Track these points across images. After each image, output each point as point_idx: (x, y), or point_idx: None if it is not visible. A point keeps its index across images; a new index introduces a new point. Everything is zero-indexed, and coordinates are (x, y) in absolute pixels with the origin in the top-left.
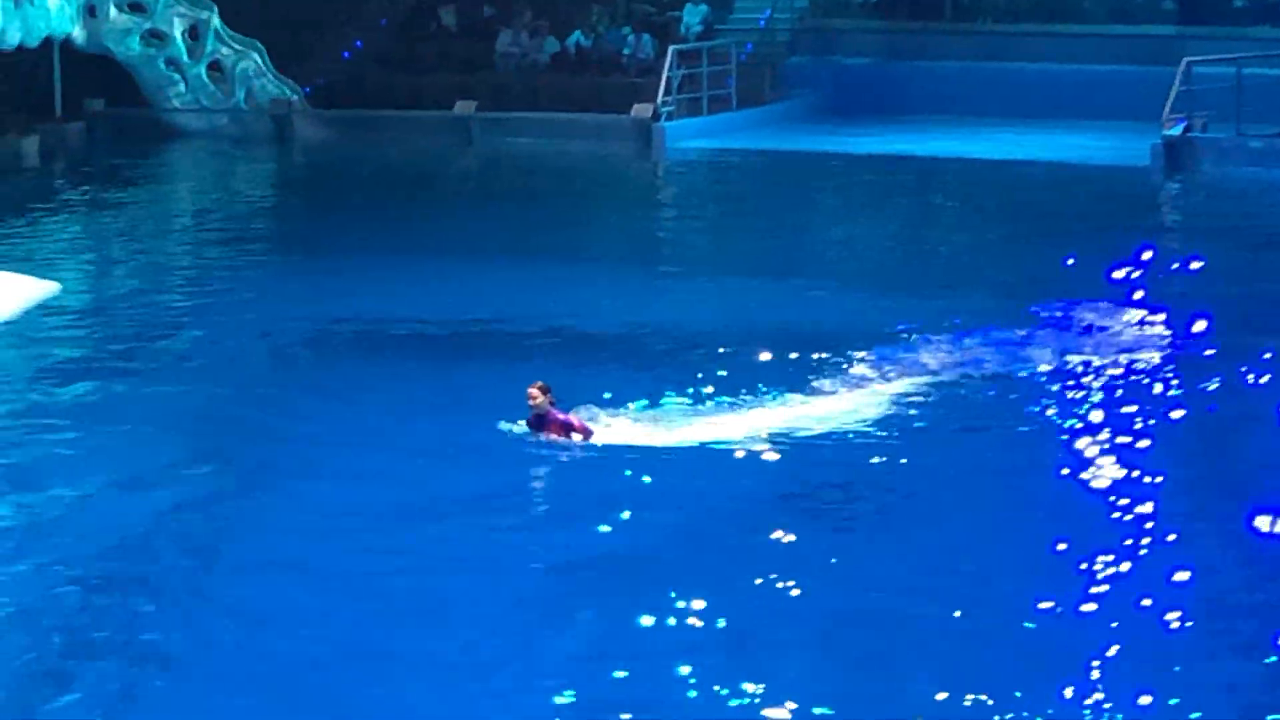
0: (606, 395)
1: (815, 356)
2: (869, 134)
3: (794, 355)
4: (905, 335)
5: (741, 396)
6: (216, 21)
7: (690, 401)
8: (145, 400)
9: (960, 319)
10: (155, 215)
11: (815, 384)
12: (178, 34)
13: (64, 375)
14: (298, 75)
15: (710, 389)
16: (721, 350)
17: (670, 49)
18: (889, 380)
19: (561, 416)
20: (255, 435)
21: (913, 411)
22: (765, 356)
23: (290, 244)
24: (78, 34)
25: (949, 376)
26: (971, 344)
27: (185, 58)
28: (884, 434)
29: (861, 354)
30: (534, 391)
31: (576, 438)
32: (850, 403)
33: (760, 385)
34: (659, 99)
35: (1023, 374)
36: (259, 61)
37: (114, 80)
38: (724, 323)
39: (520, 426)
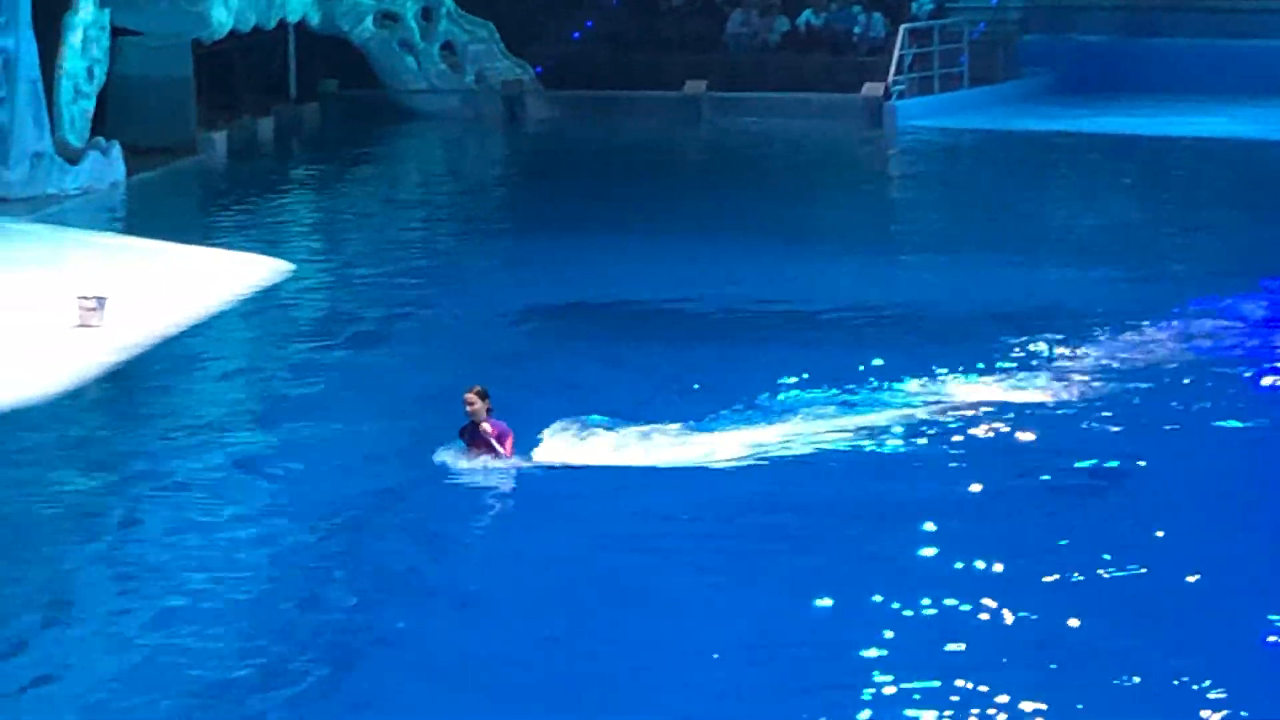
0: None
1: (1048, 336)
2: (1103, 113)
3: (1025, 335)
4: (1136, 315)
5: (972, 375)
6: (449, 2)
7: (921, 379)
8: (375, 380)
9: (1195, 300)
10: (387, 195)
11: (1048, 363)
12: (411, 15)
13: (296, 355)
14: (529, 55)
15: (941, 367)
16: (951, 329)
17: (902, 27)
18: (1119, 360)
19: (494, 429)
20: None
21: (1143, 393)
22: (998, 335)
23: (521, 223)
24: (313, 16)
25: (1182, 359)
26: (1205, 325)
27: (418, 39)
28: (1122, 415)
29: (1092, 334)
30: (471, 397)
31: (501, 454)
32: (1081, 384)
33: (993, 363)
34: (890, 77)
35: (1262, 360)
36: (491, 42)
37: (348, 62)
38: (953, 301)
39: (452, 457)
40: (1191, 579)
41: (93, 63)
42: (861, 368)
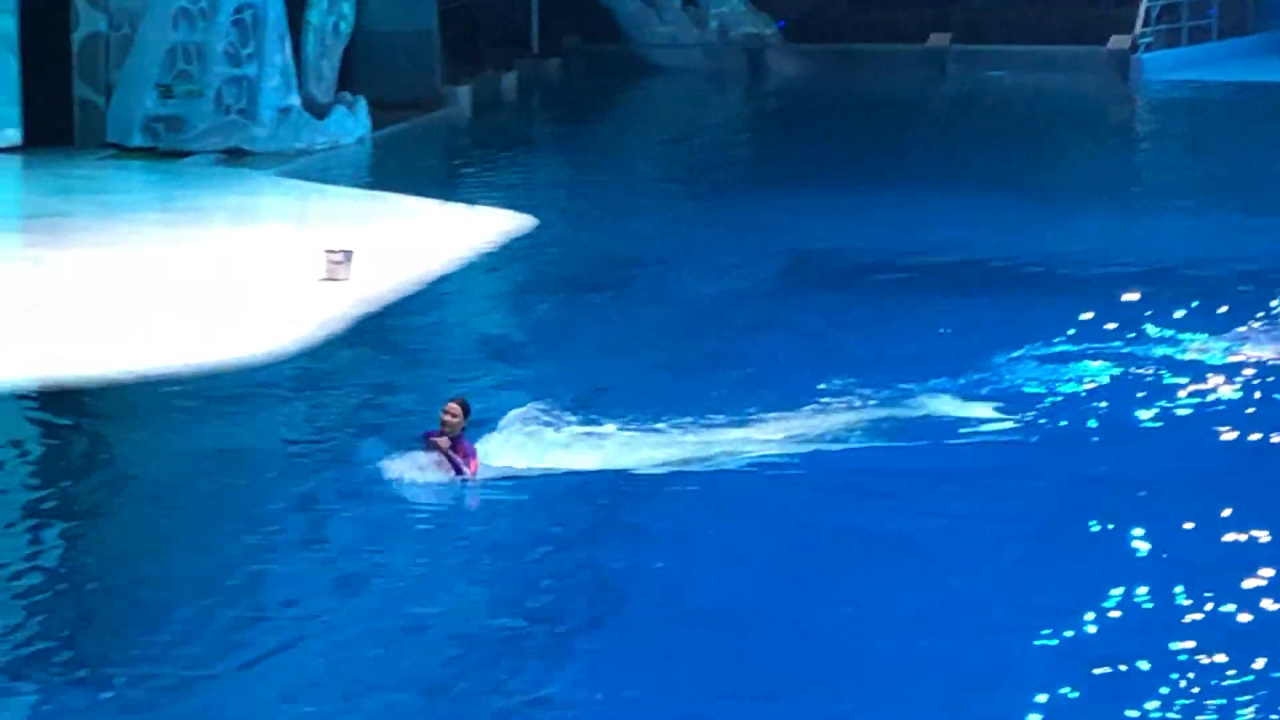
0: (1070, 332)
1: None
2: None
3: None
4: None
5: (1221, 335)
6: None
7: (1169, 331)
8: (614, 331)
9: None
10: (629, 149)
11: None
12: None
13: (539, 308)
14: (771, 9)
15: (1183, 329)
16: (1195, 287)
17: None
18: None
19: (467, 445)
20: (722, 363)
21: None
22: (1248, 293)
23: (762, 177)
24: None
25: None
26: None
27: None
28: None
29: None
30: (456, 409)
31: (458, 472)
32: None
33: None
34: (1137, 30)
35: None
36: None
37: (590, 15)
38: (1199, 258)
39: (404, 467)
40: None
41: (339, 17)
42: (1110, 325)
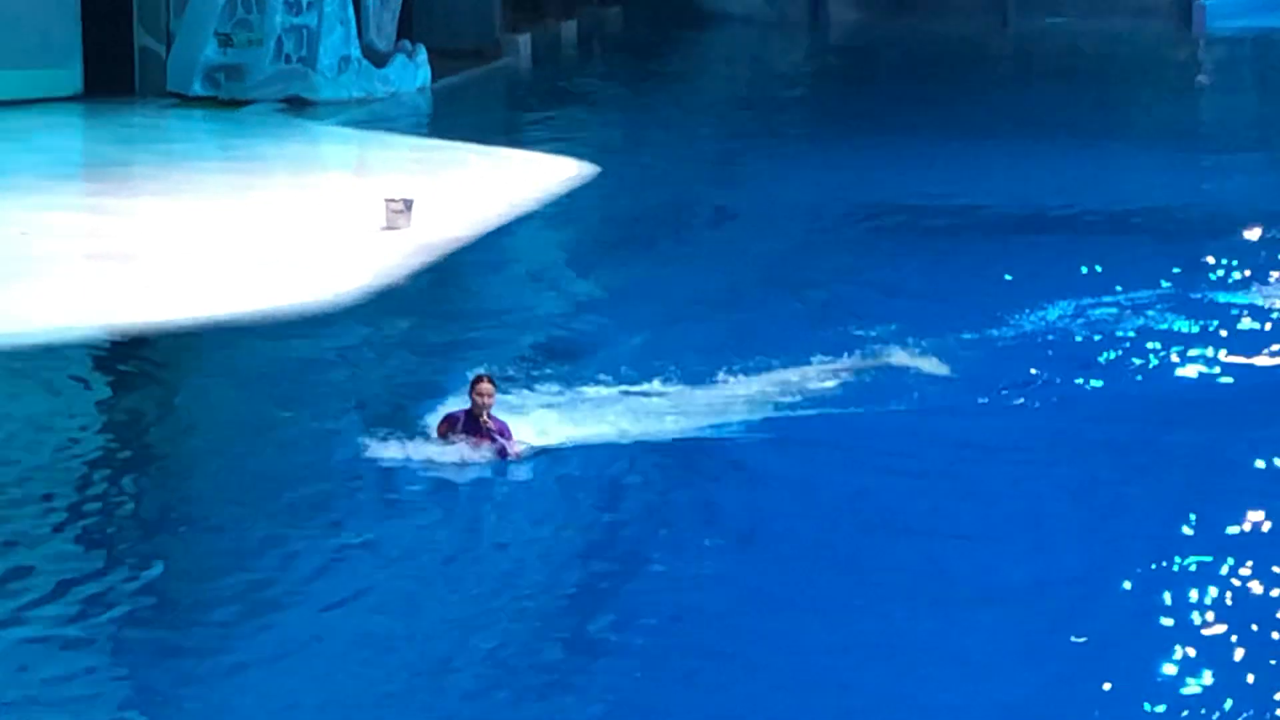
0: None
1: None
2: None
3: None
4: None
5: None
6: None
7: (1235, 279)
8: (679, 279)
9: None
10: (690, 97)
11: None
12: None
13: (601, 257)
14: None
15: (1248, 279)
16: (1255, 235)
17: None
18: None
19: (500, 423)
20: (791, 317)
21: None
22: None
23: (824, 126)
24: None
25: None
26: None
27: None
28: None
29: None
30: (490, 387)
31: (500, 450)
32: None
33: None
34: None
35: None
36: None
37: None
38: (1262, 205)
39: (415, 446)
40: None
41: None
42: (1153, 268)
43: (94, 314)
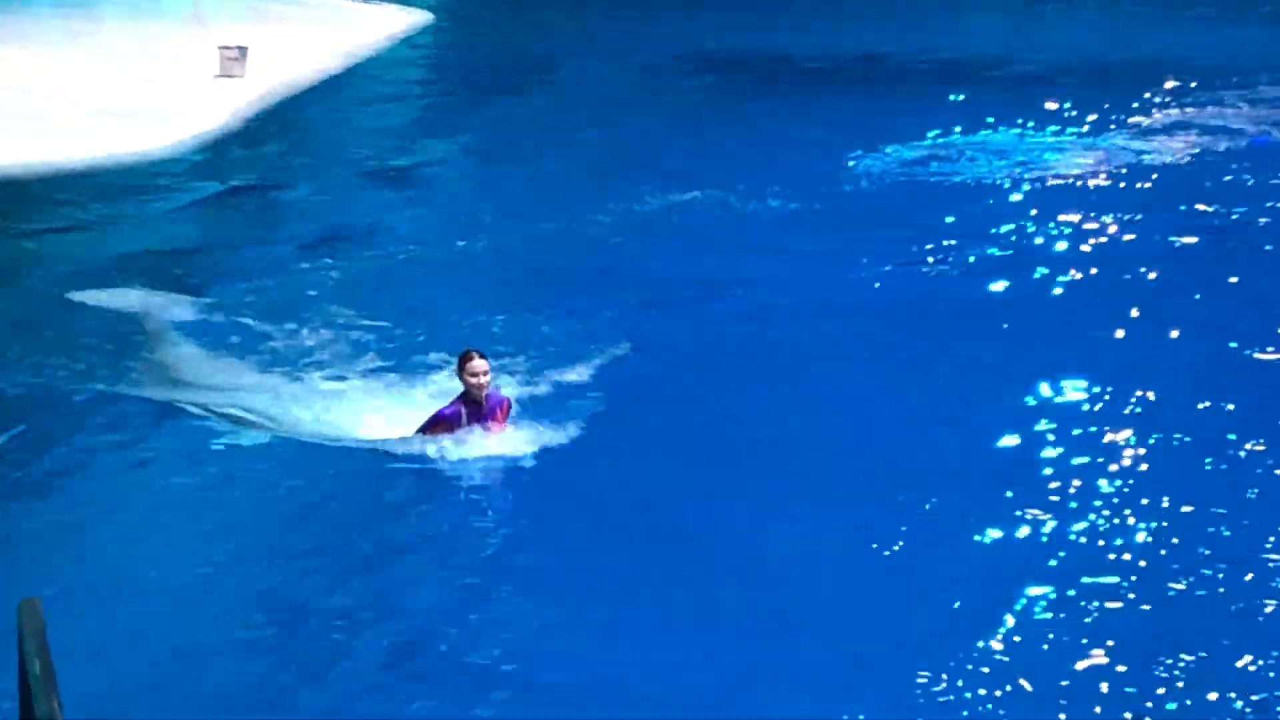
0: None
1: None
2: None
3: None
4: None
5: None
6: None
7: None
8: (521, 132)
9: None
10: None
11: None
12: None
13: (436, 105)
14: None
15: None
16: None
17: None
18: None
19: (501, 399)
20: (619, 165)
21: None
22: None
23: None
24: None
25: None
26: None
27: None
28: None
29: None
30: (485, 364)
31: (496, 429)
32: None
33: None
34: None
35: None
36: None
37: None
38: (1110, 57)
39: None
40: None
41: None
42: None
43: None
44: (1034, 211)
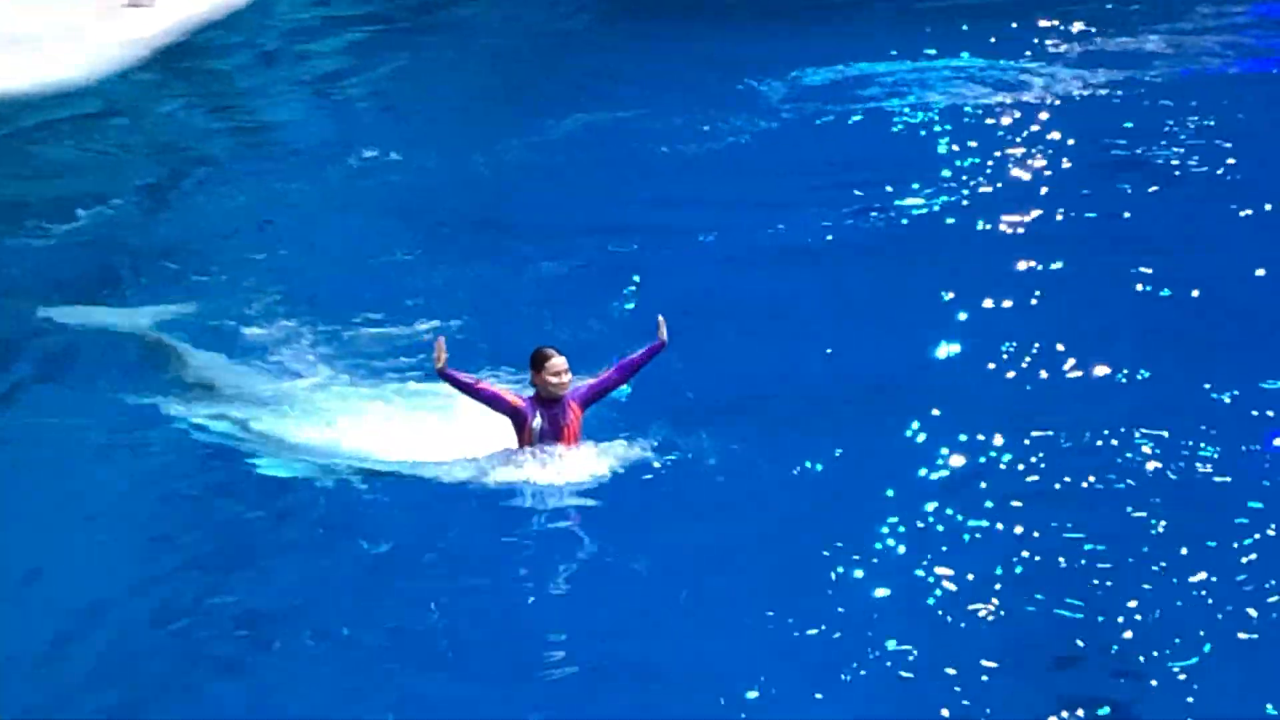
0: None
1: None
2: None
3: None
4: None
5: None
6: None
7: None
8: (445, 69)
9: None
10: None
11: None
12: None
13: (349, 34)
14: None
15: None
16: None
17: None
18: None
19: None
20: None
21: None
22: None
23: None
24: None
25: None
26: None
27: None
28: None
29: None
30: (565, 363)
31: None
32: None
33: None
34: None
35: None
36: None
37: None
38: None
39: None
40: None
41: None
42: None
43: None
44: (954, 145)
